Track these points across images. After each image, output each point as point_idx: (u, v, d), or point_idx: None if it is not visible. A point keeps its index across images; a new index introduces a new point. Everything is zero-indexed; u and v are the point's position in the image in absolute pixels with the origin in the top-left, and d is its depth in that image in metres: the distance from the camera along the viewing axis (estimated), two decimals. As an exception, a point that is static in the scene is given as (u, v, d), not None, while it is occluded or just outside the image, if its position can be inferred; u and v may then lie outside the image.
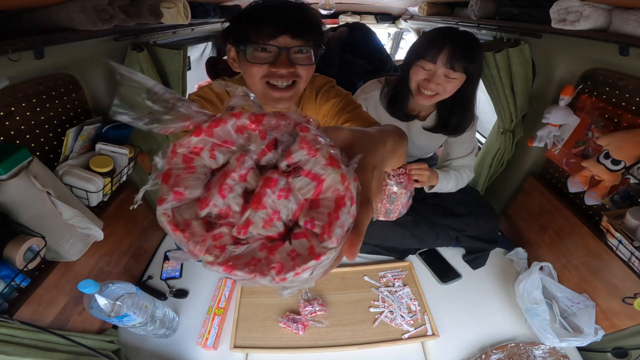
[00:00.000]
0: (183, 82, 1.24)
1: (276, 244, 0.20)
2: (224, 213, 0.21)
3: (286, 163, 0.21)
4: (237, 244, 0.20)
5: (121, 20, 0.89)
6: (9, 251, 0.69)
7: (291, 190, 0.21)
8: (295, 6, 0.70)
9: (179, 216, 0.21)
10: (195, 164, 0.22)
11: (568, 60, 1.14)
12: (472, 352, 1.01)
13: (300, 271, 0.19)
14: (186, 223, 0.20)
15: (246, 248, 0.20)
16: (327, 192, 0.21)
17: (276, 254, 0.20)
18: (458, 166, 1.25)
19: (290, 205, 0.21)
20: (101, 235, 0.92)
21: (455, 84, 1.00)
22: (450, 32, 0.98)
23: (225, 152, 0.22)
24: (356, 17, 2.68)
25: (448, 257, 1.34)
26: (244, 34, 0.69)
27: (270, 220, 0.20)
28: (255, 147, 0.22)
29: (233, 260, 0.20)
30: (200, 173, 0.22)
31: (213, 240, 0.20)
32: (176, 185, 0.21)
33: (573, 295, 1.08)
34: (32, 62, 0.78)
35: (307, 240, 0.20)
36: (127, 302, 0.84)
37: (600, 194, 0.98)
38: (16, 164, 0.72)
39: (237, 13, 0.73)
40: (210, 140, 0.22)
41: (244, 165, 0.21)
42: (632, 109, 0.95)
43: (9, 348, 0.69)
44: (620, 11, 0.81)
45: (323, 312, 1.10)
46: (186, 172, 0.21)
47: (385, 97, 1.15)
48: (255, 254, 0.20)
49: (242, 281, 0.20)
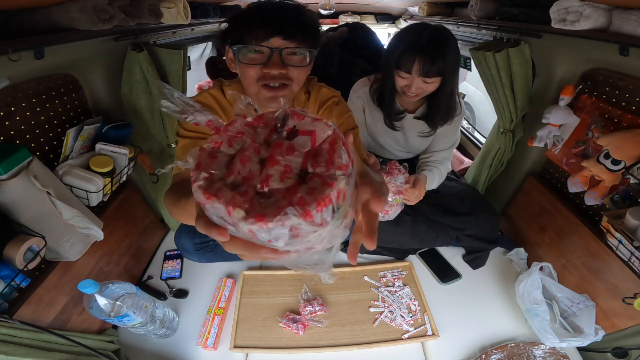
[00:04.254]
0: (183, 82, 1.24)
1: (296, 189, 0.23)
2: (246, 178, 0.25)
3: (286, 131, 0.27)
4: (262, 198, 0.23)
5: (121, 20, 0.89)
6: (9, 251, 0.69)
7: (294, 146, 0.26)
8: (290, 8, 0.70)
9: (211, 189, 0.24)
10: (218, 154, 0.27)
11: (568, 60, 1.14)
12: (472, 352, 1.02)
13: (322, 202, 0.22)
14: (217, 189, 0.24)
15: (271, 200, 0.23)
16: (321, 141, 0.26)
17: (297, 194, 0.23)
18: (438, 160, 1.28)
19: (297, 159, 0.25)
20: (101, 235, 0.92)
21: (435, 84, 1.04)
22: (418, 41, 0.99)
23: (239, 142, 0.27)
24: (356, 17, 2.68)
25: (448, 257, 1.34)
26: (238, 35, 0.70)
27: (285, 172, 0.24)
28: (262, 131, 0.28)
29: (262, 209, 0.22)
30: (222, 159, 0.26)
31: (241, 197, 0.23)
32: (206, 168, 0.25)
33: (573, 296, 1.08)
34: (32, 62, 0.78)
35: (318, 178, 0.24)
36: (127, 302, 0.84)
37: (600, 194, 0.98)
38: (16, 164, 0.72)
39: (233, 15, 0.73)
40: (227, 135, 0.27)
41: (257, 141, 0.27)
42: (632, 109, 0.95)
43: (9, 348, 0.69)
44: (620, 11, 0.81)
45: (323, 312, 1.10)
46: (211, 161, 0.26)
47: (374, 94, 1.19)
48: (280, 203, 0.22)
49: (275, 233, 0.22)
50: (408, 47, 1.00)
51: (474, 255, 1.31)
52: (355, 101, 1.23)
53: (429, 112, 1.18)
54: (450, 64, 1.01)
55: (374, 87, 1.19)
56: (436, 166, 1.25)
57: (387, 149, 1.34)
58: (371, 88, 1.20)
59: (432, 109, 1.17)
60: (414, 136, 1.26)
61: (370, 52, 2.51)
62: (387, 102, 1.17)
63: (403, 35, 1.05)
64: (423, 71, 0.99)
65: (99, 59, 1.03)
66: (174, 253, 1.36)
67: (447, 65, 1.00)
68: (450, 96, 1.13)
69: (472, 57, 1.31)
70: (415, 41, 1.00)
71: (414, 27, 1.05)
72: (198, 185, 0.24)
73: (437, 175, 1.24)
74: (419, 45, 0.99)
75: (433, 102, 1.15)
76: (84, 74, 1.01)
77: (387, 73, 1.08)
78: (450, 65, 1.02)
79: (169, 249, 1.39)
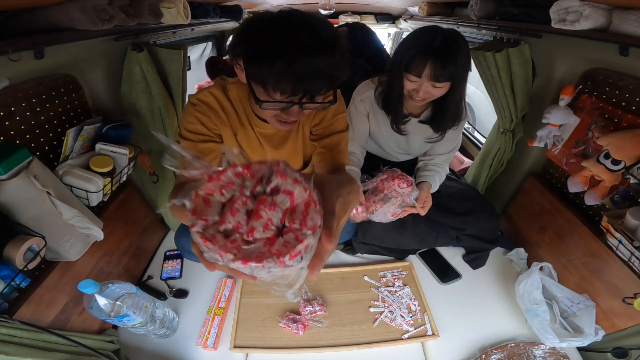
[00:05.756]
0: (183, 82, 1.24)
1: (273, 240, 0.30)
2: (235, 227, 0.31)
3: (269, 188, 0.32)
4: (247, 245, 0.30)
5: (121, 20, 0.89)
6: (9, 251, 0.69)
7: (276, 203, 0.31)
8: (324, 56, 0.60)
9: (206, 233, 0.30)
10: (211, 201, 0.32)
11: (568, 60, 1.14)
12: (472, 352, 1.02)
13: (293, 254, 0.29)
14: (212, 236, 0.30)
15: (254, 246, 0.30)
16: (298, 201, 0.32)
17: (274, 245, 0.30)
18: (439, 164, 1.27)
19: (278, 214, 0.31)
20: (101, 235, 0.92)
21: (444, 89, 1.01)
22: (431, 44, 0.96)
23: (229, 190, 0.33)
24: (356, 17, 2.68)
25: (448, 257, 1.34)
26: (258, 72, 0.62)
27: (266, 225, 0.31)
28: (249, 183, 0.33)
29: (247, 254, 0.29)
30: (215, 206, 0.32)
31: (231, 244, 0.30)
32: (201, 215, 0.31)
33: (573, 296, 1.08)
34: (32, 62, 0.78)
35: (292, 233, 0.30)
36: (127, 302, 0.84)
37: (600, 194, 0.98)
38: (16, 164, 0.72)
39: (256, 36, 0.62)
40: (219, 183, 0.32)
41: (244, 194, 0.32)
42: (632, 109, 0.95)
43: (9, 348, 0.69)
44: (620, 11, 0.81)
45: (323, 312, 1.10)
46: (206, 207, 0.32)
47: (379, 97, 1.16)
48: (261, 249, 0.30)
49: (256, 270, 0.30)
50: (420, 50, 0.97)
51: (474, 255, 1.31)
52: (359, 105, 1.20)
53: (435, 117, 1.16)
54: (461, 69, 0.98)
55: (379, 90, 1.16)
56: (437, 170, 1.25)
57: (387, 151, 1.33)
58: (376, 91, 1.17)
59: (439, 113, 1.14)
60: (417, 140, 1.25)
61: (370, 52, 2.51)
62: (394, 106, 1.13)
63: (415, 38, 1.01)
64: (434, 75, 0.96)
65: (99, 59, 1.03)
66: (174, 253, 1.36)
67: (458, 70, 0.97)
68: (459, 102, 1.10)
69: (472, 57, 1.31)
70: (427, 44, 0.96)
71: (426, 30, 1.01)
72: (196, 231, 0.31)
73: (438, 180, 1.24)
74: (431, 49, 0.95)
75: (440, 107, 1.12)
76: (84, 74, 1.01)
77: (396, 76, 1.05)
78: (461, 71, 0.99)
79: (169, 249, 1.39)
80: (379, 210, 1.09)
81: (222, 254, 0.29)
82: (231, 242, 0.30)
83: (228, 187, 0.33)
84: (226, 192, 0.33)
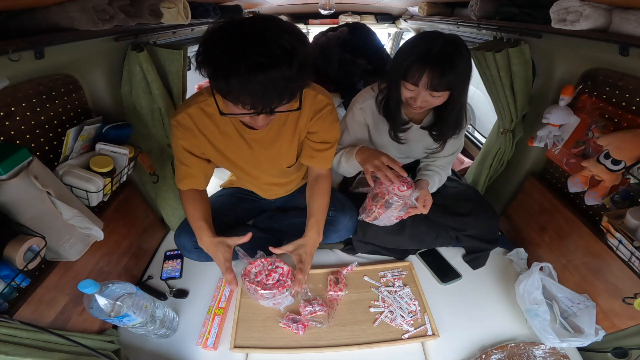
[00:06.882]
0: (183, 82, 1.24)
1: (275, 284, 0.98)
2: (260, 279, 0.99)
3: (274, 265, 1.03)
4: (266, 284, 0.98)
5: (121, 20, 0.89)
6: (9, 251, 0.69)
7: (276, 272, 1.01)
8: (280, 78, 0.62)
9: (251, 281, 0.98)
10: (250, 273, 1.01)
11: (568, 60, 1.14)
12: (472, 352, 1.02)
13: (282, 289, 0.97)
14: (252, 282, 0.97)
15: (268, 285, 0.98)
16: (285, 270, 1.01)
17: (276, 285, 0.97)
18: (441, 165, 1.27)
19: (276, 275, 1.00)
20: (101, 235, 0.92)
21: (442, 98, 0.99)
22: (429, 52, 0.93)
23: (258, 267, 1.02)
24: (356, 17, 2.68)
25: (448, 257, 1.34)
26: (218, 87, 0.66)
27: (274, 278, 0.99)
28: (266, 263, 1.03)
29: (264, 287, 0.97)
30: (253, 275, 1.00)
31: (258, 285, 0.97)
32: (248, 276, 1.00)
33: (573, 296, 1.08)
34: (32, 62, 0.78)
35: (282, 281, 0.99)
36: (127, 302, 0.84)
37: (600, 194, 0.98)
38: (16, 164, 0.72)
39: (212, 52, 0.64)
40: (254, 265, 1.02)
41: (260, 278, 0.99)
42: (632, 109, 0.95)
43: (9, 348, 0.69)
44: (620, 11, 0.81)
45: (323, 312, 1.10)
46: (248, 274, 1.00)
47: (380, 104, 1.15)
48: (271, 287, 0.97)
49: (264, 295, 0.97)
50: (417, 58, 0.94)
51: (474, 255, 1.31)
52: (357, 113, 1.18)
53: (435, 125, 1.14)
54: (460, 78, 0.95)
55: (379, 98, 1.15)
56: (438, 171, 1.25)
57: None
58: (376, 99, 1.15)
59: (440, 122, 1.12)
60: (418, 148, 1.25)
61: (370, 52, 2.51)
62: (392, 114, 1.12)
63: (414, 45, 0.99)
64: (431, 85, 0.93)
65: (99, 59, 1.03)
66: (174, 253, 1.36)
67: (457, 79, 0.94)
68: (460, 110, 1.08)
69: (472, 57, 1.31)
70: (425, 52, 0.93)
71: (425, 36, 0.98)
72: (248, 281, 0.97)
73: (438, 180, 1.24)
74: (429, 57, 0.92)
75: (441, 116, 1.11)
76: (84, 74, 1.01)
77: (394, 84, 1.03)
78: (461, 80, 0.96)
79: (169, 249, 1.39)
80: (382, 216, 1.09)
81: (257, 289, 0.95)
82: (258, 282, 0.97)
83: (257, 266, 1.01)
84: (256, 268, 1.01)
